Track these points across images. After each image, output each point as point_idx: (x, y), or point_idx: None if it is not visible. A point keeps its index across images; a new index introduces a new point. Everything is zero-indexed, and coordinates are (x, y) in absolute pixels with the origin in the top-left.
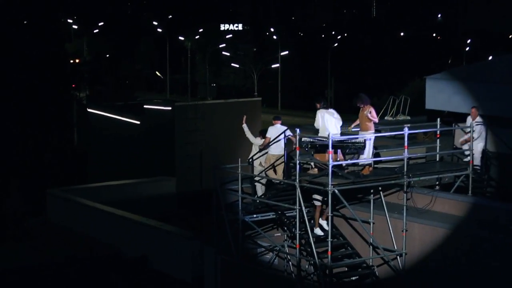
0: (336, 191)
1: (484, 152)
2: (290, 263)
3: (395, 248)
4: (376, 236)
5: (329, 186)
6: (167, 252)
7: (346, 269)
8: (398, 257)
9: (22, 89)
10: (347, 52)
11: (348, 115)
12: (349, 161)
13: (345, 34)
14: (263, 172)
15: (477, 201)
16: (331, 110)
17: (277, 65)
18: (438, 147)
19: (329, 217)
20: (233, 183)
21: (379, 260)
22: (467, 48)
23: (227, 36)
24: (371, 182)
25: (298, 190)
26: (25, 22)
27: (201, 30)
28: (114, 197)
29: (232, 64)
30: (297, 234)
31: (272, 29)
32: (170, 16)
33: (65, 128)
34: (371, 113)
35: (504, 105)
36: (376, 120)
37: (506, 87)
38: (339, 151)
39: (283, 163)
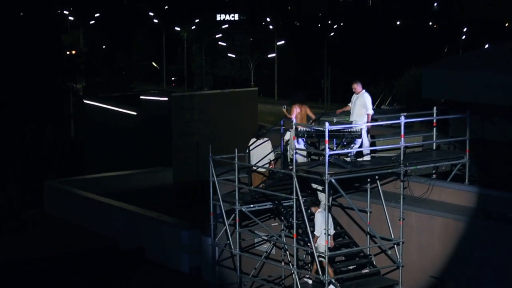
0: (333, 180)
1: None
2: (288, 252)
3: (392, 236)
4: (373, 225)
5: (326, 175)
6: (164, 243)
7: (344, 258)
8: (395, 245)
9: (19, 81)
10: (343, 41)
11: (346, 104)
12: (342, 151)
13: (341, 23)
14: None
15: (474, 189)
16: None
17: (274, 54)
18: (434, 136)
19: (327, 207)
20: (230, 173)
21: (376, 249)
22: (464, 37)
23: (223, 26)
24: (367, 171)
25: (295, 180)
26: (21, 14)
27: (197, 20)
28: (111, 188)
29: (229, 54)
30: (294, 224)
31: (268, 19)
32: (166, 7)
33: (61, 120)
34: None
35: (500, 94)
36: (291, 117)
37: (502, 75)
38: None
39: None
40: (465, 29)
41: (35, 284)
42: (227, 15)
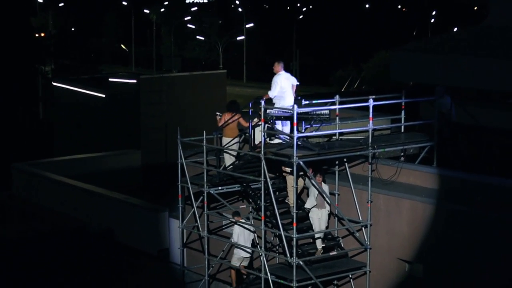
0: (301, 162)
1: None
2: (255, 235)
3: (360, 219)
4: (341, 207)
5: (294, 157)
6: (132, 225)
7: (312, 240)
8: (363, 228)
9: None
10: (312, 24)
11: (314, 87)
12: (311, 133)
13: (310, 6)
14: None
15: (442, 172)
16: None
17: (242, 37)
18: (403, 119)
19: (295, 189)
20: (198, 155)
21: (344, 231)
22: (433, 20)
23: (192, 9)
24: (336, 153)
25: (263, 162)
26: None
27: (166, 3)
28: (80, 171)
29: (197, 37)
30: (262, 206)
31: (237, 1)
32: None
33: (30, 102)
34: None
35: (468, 76)
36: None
37: (471, 58)
38: None
39: None
40: (434, 12)
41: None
42: None
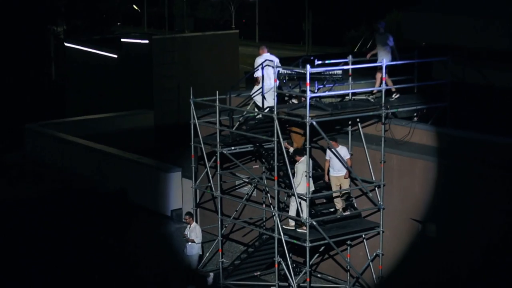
0: (314, 122)
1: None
2: (269, 195)
3: (374, 179)
4: (354, 167)
5: (307, 117)
6: (145, 185)
7: (325, 200)
8: (376, 188)
9: None
10: None
11: (325, 47)
12: (324, 94)
13: None
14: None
15: (455, 132)
16: None
17: None
18: (416, 78)
19: (308, 150)
20: (211, 116)
21: (357, 191)
22: None
23: None
24: (349, 113)
25: (276, 122)
26: None
27: None
28: (92, 131)
29: None
30: (275, 166)
31: None
32: None
33: (42, 63)
34: None
35: (481, 37)
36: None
37: (482, 19)
38: None
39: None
40: None
41: (14, 224)
42: None
